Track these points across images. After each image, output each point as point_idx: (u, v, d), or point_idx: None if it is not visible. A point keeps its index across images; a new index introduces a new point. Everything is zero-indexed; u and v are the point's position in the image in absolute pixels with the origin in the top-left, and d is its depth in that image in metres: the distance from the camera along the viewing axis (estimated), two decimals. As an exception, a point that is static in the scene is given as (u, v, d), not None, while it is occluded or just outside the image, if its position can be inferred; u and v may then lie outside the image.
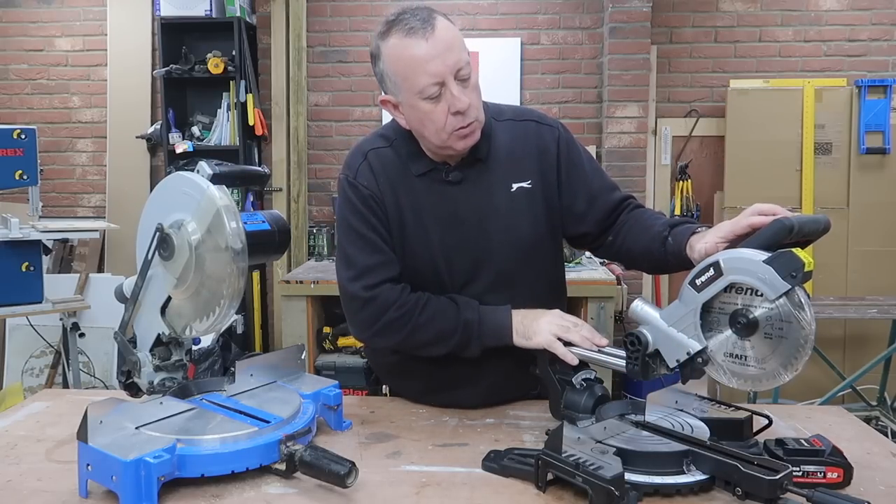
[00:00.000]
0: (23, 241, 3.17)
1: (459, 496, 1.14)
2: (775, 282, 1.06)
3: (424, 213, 1.52)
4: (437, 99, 1.38)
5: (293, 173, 4.59)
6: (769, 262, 1.07)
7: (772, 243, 1.11)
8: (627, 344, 1.23)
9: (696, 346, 1.16)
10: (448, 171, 1.52)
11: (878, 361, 3.81)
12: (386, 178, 1.52)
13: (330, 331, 4.04)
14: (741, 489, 1.06)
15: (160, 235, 1.29)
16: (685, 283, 1.17)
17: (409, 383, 1.64)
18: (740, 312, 1.12)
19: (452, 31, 1.39)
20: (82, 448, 1.11)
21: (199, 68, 4.46)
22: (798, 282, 1.05)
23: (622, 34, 4.37)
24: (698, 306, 1.15)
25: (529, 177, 1.55)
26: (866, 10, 4.53)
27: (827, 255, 4.37)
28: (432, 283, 1.53)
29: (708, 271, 1.14)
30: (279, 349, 2.07)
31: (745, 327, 1.12)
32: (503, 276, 1.54)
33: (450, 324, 1.47)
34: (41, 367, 4.31)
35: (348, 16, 4.67)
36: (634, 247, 1.51)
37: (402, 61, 1.38)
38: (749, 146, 4.38)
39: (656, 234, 1.43)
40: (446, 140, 1.43)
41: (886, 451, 1.32)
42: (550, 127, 1.60)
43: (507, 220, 1.53)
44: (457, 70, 1.37)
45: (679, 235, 1.37)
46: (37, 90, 4.90)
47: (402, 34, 1.37)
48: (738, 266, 1.10)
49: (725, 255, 1.13)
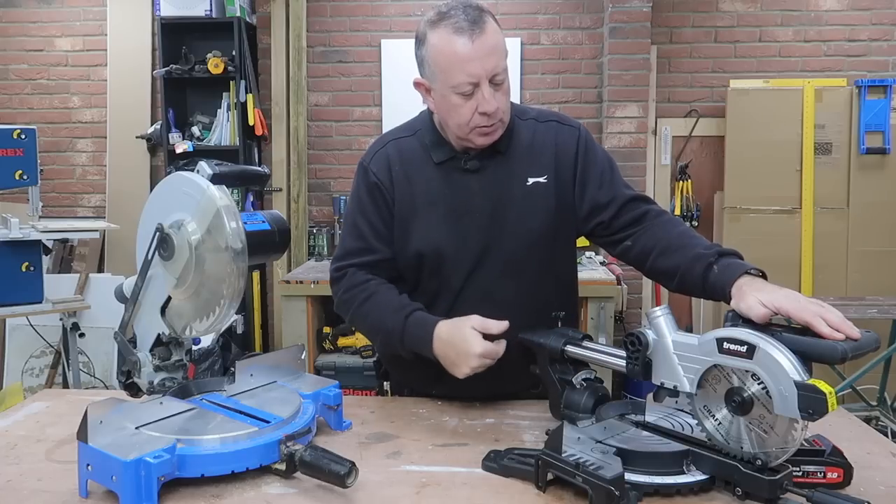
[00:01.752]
0: (23, 241, 3.17)
1: (459, 496, 1.14)
2: (790, 405, 1.01)
3: (438, 199, 1.57)
4: (468, 96, 1.45)
5: (293, 173, 4.59)
6: (798, 387, 1.01)
7: (814, 359, 1.06)
8: (628, 343, 1.22)
9: (687, 388, 1.14)
10: (467, 159, 1.57)
11: (878, 361, 3.81)
12: (401, 167, 1.59)
13: (330, 331, 4.04)
14: (741, 489, 1.06)
15: (160, 235, 1.29)
16: (713, 335, 1.11)
17: (412, 373, 1.65)
18: (738, 392, 1.09)
19: (498, 36, 1.45)
20: (82, 448, 1.11)
21: (199, 68, 4.46)
22: (808, 419, 1.01)
23: (622, 34, 4.37)
24: (710, 363, 1.12)
25: (546, 172, 1.59)
26: (866, 10, 4.52)
27: (827, 255, 4.38)
28: (440, 270, 1.58)
29: (741, 346, 1.08)
30: (279, 349, 2.07)
31: (737, 406, 1.09)
32: (510, 265, 1.57)
33: (377, 324, 1.54)
34: (41, 367, 4.31)
35: (348, 16, 4.67)
36: (664, 262, 1.46)
37: (444, 55, 1.45)
38: (749, 146, 4.38)
39: (698, 256, 1.38)
40: (468, 134, 1.50)
41: (886, 451, 1.32)
42: (571, 127, 1.64)
43: (520, 211, 1.57)
44: (493, 75, 1.44)
45: (728, 271, 1.30)
46: (37, 90, 4.89)
47: (450, 29, 1.43)
48: (769, 366, 1.05)
49: (765, 346, 1.06)
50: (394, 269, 1.61)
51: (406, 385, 1.72)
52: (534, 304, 1.57)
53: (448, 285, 1.58)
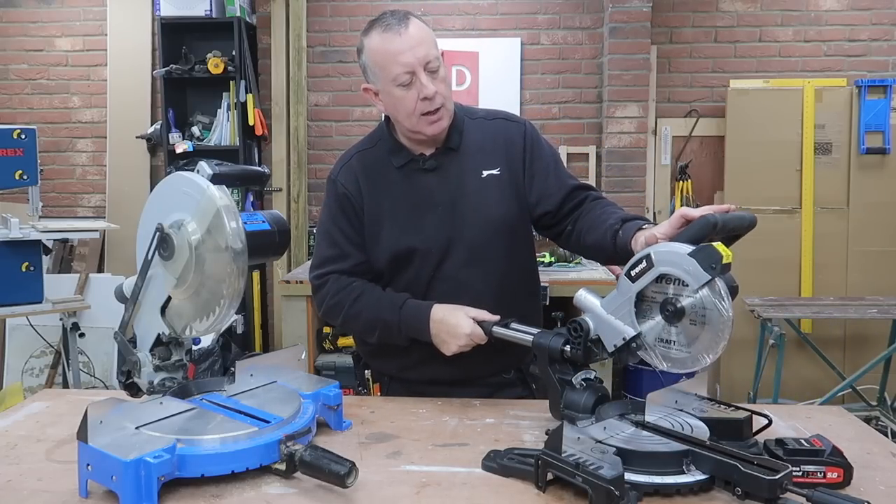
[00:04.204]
0: (23, 241, 3.17)
1: (459, 496, 1.14)
2: (697, 273, 1.15)
3: (403, 200, 1.70)
4: (408, 86, 1.59)
5: (293, 173, 4.59)
6: (693, 255, 1.16)
7: (698, 238, 1.20)
8: (570, 330, 1.31)
9: (631, 331, 1.25)
10: (424, 160, 1.70)
11: (878, 361, 3.81)
12: (366, 176, 1.73)
13: (330, 331, 4.04)
14: (741, 489, 1.06)
15: (160, 235, 1.29)
16: (621, 274, 1.26)
17: (390, 361, 1.78)
18: (669, 301, 1.21)
19: (424, 30, 1.61)
20: (82, 448, 1.11)
21: (199, 68, 4.46)
22: (717, 273, 1.13)
23: (622, 34, 4.37)
24: (633, 295, 1.24)
25: (498, 165, 1.72)
26: (866, 10, 4.52)
27: (827, 255, 4.38)
28: (412, 264, 1.69)
29: (641, 263, 1.22)
30: (279, 349, 2.07)
31: (673, 314, 1.20)
32: (475, 253, 1.69)
33: (373, 320, 1.67)
34: (41, 367, 4.31)
35: (348, 16, 4.67)
36: (588, 238, 1.62)
37: (378, 53, 1.61)
38: (749, 146, 4.38)
39: (608, 227, 1.53)
40: (416, 124, 1.63)
41: (886, 451, 1.32)
42: (517, 123, 1.79)
43: (477, 201, 1.69)
44: (426, 62, 1.59)
45: (628, 230, 1.47)
46: (37, 90, 4.90)
47: (380, 30, 1.60)
48: (666, 258, 1.19)
49: (656, 248, 1.23)
50: (369, 271, 1.73)
51: (384, 373, 1.82)
52: (499, 290, 1.70)
53: (419, 277, 1.70)
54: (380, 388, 1.84)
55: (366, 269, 1.73)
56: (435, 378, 1.70)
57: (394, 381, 1.79)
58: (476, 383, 1.71)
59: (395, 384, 1.79)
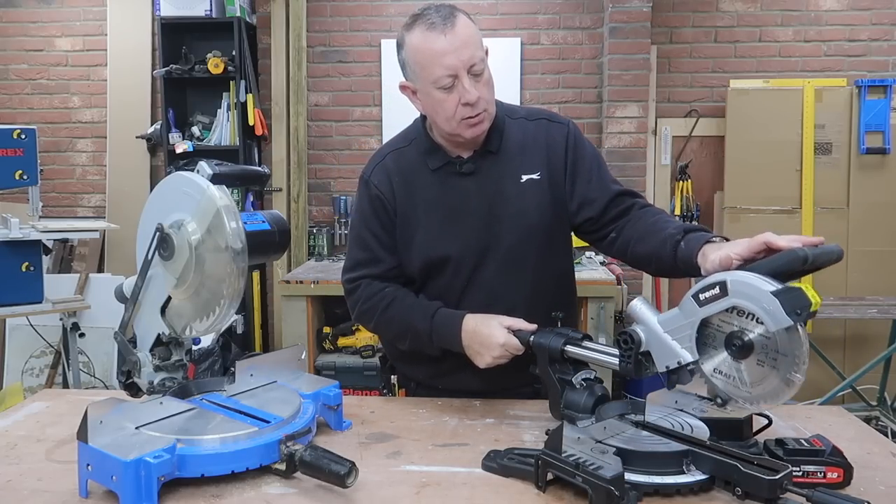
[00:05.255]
0: (23, 241, 3.17)
1: (459, 496, 1.14)
2: (778, 315, 1.05)
3: (438, 205, 1.62)
4: (450, 90, 1.50)
5: (293, 173, 4.59)
6: (777, 295, 1.05)
7: (783, 272, 1.10)
8: (620, 342, 1.24)
9: (689, 357, 1.17)
10: (461, 163, 1.62)
11: (878, 361, 3.81)
12: (401, 177, 1.64)
13: (330, 331, 4.04)
14: (741, 489, 1.06)
15: (160, 235, 1.29)
16: (688, 295, 1.16)
17: (419, 368, 1.71)
18: (737, 335, 1.12)
19: (470, 30, 1.51)
20: (82, 448, 1.11)
21: (199, 68, 4.46)
22: (802, 319, 1.04)
23: (622, 34, 4.37)
24: (697, 321, 1.15)
25: (538, 169, 1.63)
26: (866, 10, 4.52)
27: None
28: (445, 272, 1.62)
29: (713, 289, 1.13)
30: (279, 349, 2.07)
31: (739, 350, 1.12)
32: (511, 262, 1.61)
33: (404, 327, 1.61)
34: (41, 367, 4.31)
35: (348, 16, 4.67)
36: (641, 248, 1.52)
37: (421, 53, 1.51)
38: (749, 146, 4.38)
39: (668, 236, 1.43)
40: (455, 128, 1.54)
41: (886, 451, 1.32)
42: (560, 125, 1.68)
43: (516, 207, 1.61)
44: (470, 65, 1.49)
45: (693, 242, 1.36)
46: (37, 90, 4.89)
47: (424, 28, 1.49)
48: (744, 291, 1.09)
49: (734, 277, 1.11)
50: (402, 276, 1.67)
51: (412, 379, 1.77)
52: (535, 299, 1.62)
53: (453, 286, 1.63)
54: (405, 393, 1.78)
55: (398, 274, 1.66)
56: (465, 388, 1.64)
57: (420, 388, 1.73)
58: (507, 395, 1.63)
59: (422, 391, 1.72)
